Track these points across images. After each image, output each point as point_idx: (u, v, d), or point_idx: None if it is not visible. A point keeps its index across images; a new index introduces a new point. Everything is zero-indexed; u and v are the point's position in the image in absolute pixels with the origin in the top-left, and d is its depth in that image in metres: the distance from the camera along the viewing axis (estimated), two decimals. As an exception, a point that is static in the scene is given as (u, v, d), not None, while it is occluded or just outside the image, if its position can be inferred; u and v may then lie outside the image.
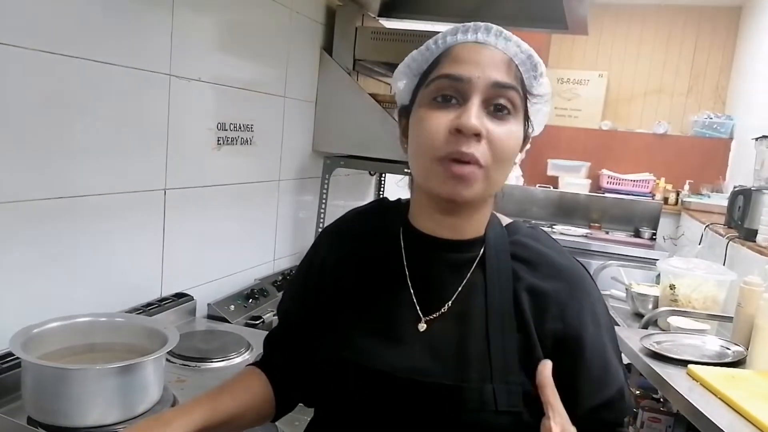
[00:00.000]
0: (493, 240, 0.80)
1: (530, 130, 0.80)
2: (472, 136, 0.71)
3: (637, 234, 4.45)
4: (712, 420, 1.29)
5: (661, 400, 1.94)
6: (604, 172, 4.95)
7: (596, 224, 4.60)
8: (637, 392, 2.02)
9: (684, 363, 1.64)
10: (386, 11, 2.56)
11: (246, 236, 2.09)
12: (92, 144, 1.38)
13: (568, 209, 4.72)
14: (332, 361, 0.79)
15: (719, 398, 1.41)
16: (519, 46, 0.76)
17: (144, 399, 1.09)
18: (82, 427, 1.01)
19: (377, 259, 0.82)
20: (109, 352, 1.17)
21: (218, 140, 1.84)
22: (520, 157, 0.81)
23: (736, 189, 3.16)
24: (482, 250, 0.80)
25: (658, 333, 1.93)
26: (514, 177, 5.00)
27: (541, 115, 0.80)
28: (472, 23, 0.76)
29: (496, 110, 0.73)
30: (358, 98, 2.29)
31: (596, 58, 5.28)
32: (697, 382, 1.53)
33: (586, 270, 0.82)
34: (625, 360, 2.03)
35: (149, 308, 1.52)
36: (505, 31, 0.76)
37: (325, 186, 2.41)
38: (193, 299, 1.73)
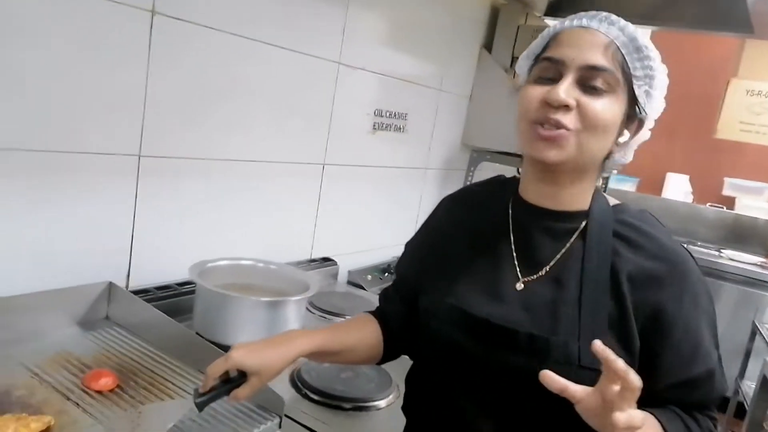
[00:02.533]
0: (598, 214, 0.84)
1: (642, 114, 0.82)
2: (561, 107, 0.76)
3: (826, 270, 3.88)
4: None
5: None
6: (793, 197, 4.38)
7: (775, 254, 4.10)
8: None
9: None
10: (553, 11, 2.55)
11: (390, 217, 2.25)
12: (267, 118, 1.61)
13: (743, 234, 4.25)
14: (437, 304, 0.89)
15: None
16: (622, 30, 0.79)
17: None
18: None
19: (488, 225, 0.91)
20: (263, 291, 1.38)
21: (374, 125, 2.01)
22: (630, 139, 0.83)
23: None
24: (585, 223, 0.84)
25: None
26: (683, 193, 4.62)
27: (652, 100, 0.82)
28: (584, 14, 0.80)
29: (590, 88, 0.78)
30: (511, 96, 2.33)
31: (798, 69, 4.67)
32: None
33: (692, 256, 0.83)
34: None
35: (299, 265, 1.73)
36: (612, 16, 0.80)
37: (470, 179, 2.49)
38: (336, 264, 1.92)
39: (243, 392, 0.87)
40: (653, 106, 0.82)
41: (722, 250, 4.03)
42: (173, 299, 1.37)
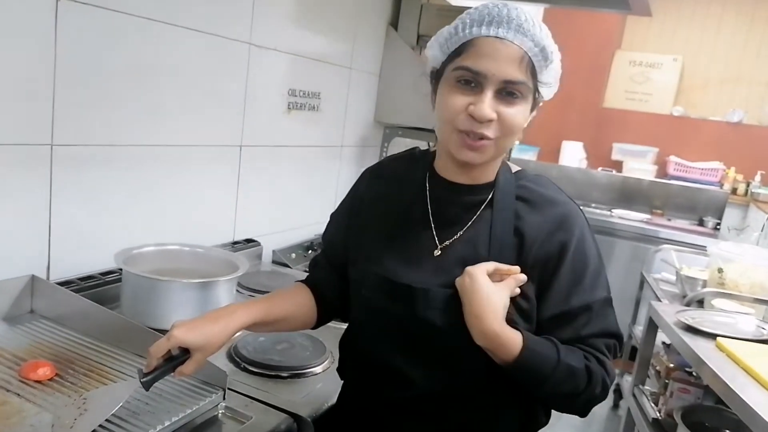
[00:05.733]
0: (503, 184, 0.97)
1: (539, 98, 0.94)
2: (485, 121, 0.87)
3: (701, 223, 4.37)
4: (734, 389, 1.34)
5: (694, 374, 2.00)
6: (672, 158, 4.85)
7: (658, 211, 4.54)
8: (670, 365, 2.09)
9: (714, 337, 1.69)
10: (453, -10, 2.67)
11: (310, 195, 2.30)
12: (178, 101, 1.60)
13: (631, 194, 4.67)
14: (365, 274, 0.98)
15: (744, 370, 1.45)
16: (533, 40, 0.87)
17: (217, 313, 1.31)
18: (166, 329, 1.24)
19: (406, 197, 1.00)
20: (192, 274, 1.39)
21: (289, 105, 2.04)
22: (529, 119, 0.95)
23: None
24: (492, 193, 0.96)
25: (695, 310, 1.98)
26: (577, 159, 4.98)
27: (551, 89, 0.94)
28: (496, 14, 0.87)
29: (507, 95, 0.88)
30: (420, 73, 2.42)
31: (672, 42, 5.13)
32: (724, 353, 1.58)
33: (581, 210, 0.97)
34: (662, 336, 2.10)
35: (223, 248, 1.75)
36: (523, 25, 0.86)
37: (384, 154, 2.58)
38: (260, 245, 1.95)
39: (188, 368, 0.91)
40: (552, 91, 0.94)
41: (613, 210, 4.41)
42: (98, 289, 1.36)
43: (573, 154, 5.00)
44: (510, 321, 0.88)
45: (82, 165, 1.36)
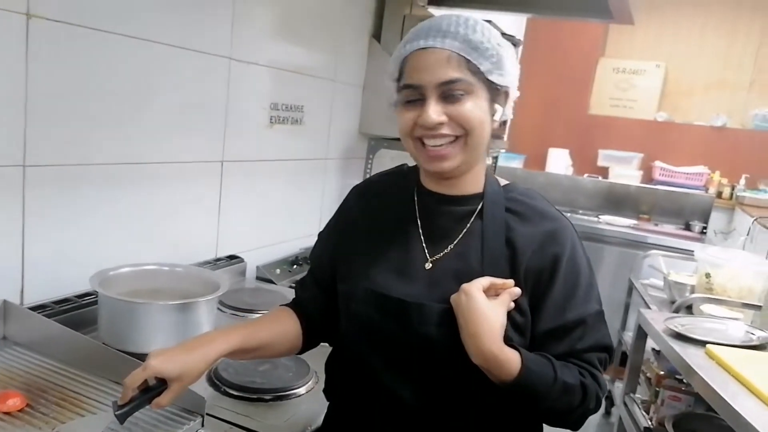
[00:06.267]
0: (491, 195, 0.95)
1: (502, 87, 0.91)
2: (435, 126, 0.87)
3: (688, 227, 4.39)
4: (725, 398, 1.32)
5: (684, 381, 1.99)
6: (657, 163, 4.87)
7: (645, 216, 4.56)
8: (660, 372, 2.08)
9: (704, 344, 1.68)
10: (436, 0, 2.67)
11: (294, 209, 2.27)
12: (156, 118, 1.57)
13: (617, 200, 4.69)
14: (355, 289, 0.96)
15: (735, 377, 1.44)
16: (457, 38, 0.87)
17: (198, 333, 1.27)
18: (145, 354, 1.20)
19: (396, 212, 0.99)
20: (171, 294, 1.36)
21: (271, 119, 2.02)
22: (506, 115, 0.94)
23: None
24: (481, 204, 0.95)
25: (684, 317, 1.97)
26: (564, 166, 5.00)
27: (507, 74, 0.91)
28: (421, 28, 0.90)
29: (450, 96, 0.88)
30: (403, 83, 2.42)
31: (656, 49, 5.17)
32: (714, 360, 1.57)
33: (571, 223, 0.96)
34: (651, 344, 2.09)
35: (205, 266, 1.72)
36: (443, 28, 0.88)
37: (369, 166, 2.56)
38: (243, 261, 1.92)
39: (165, 399, 0.88)
40: (510, 77, 0.92)
41: (600, 216, 4.42)
42: (74, 312, 1.32)
43: (559, 161, 5.02)
44: (505, 337, 0.87)
45: (56, 185, 1.33)
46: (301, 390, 1.21)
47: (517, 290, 0.89)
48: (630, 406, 2.09)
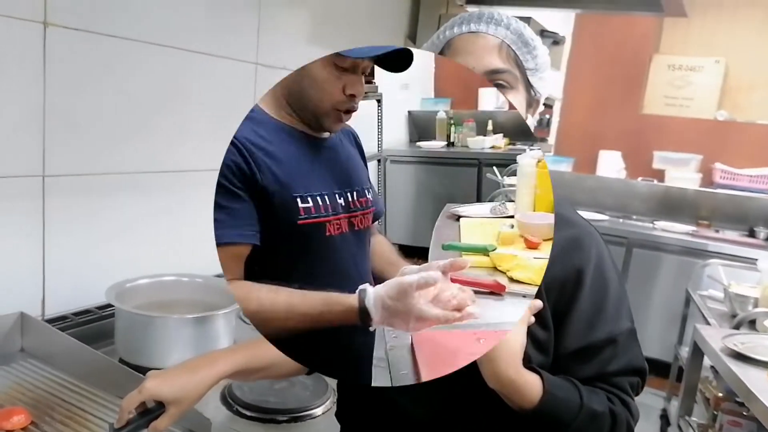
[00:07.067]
0: None
1: (537, 95, 0.86)
2: None
3: (752, 234, 4.10)
4: None
5: (745, 404, 1.82)
6: (718, 166, 4.58)
7: (705, 222, 4.29)
8: (719, 394, 1.91)
9: (767, 365, 1.54)
10: (475, -1, 2.57)
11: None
12: (179, 125, 1.55)
13: (674, 205, 4.43)
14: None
15: None
16: (508, 28, 0.82)
17: (216, 348, 1.23)
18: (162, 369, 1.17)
19: None
20: (190, 306, 1.32)
21: (301, 125, 1.97)
22: (531, 121, 0.86)
23: None
24: None
25: (745, 333, 1.81)
26: (616, 169, 4.77)
27: (545, 82, 0.86)
28: (468, 15, 0.84)
29: (494, 87, 0.81)
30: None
31: (713, 43, 4.89)
32: (779, 385, 1.43)
33: (596, 230, 0.87)
34: (707, 361, 1.93)
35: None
36: (495, 15, 0.83)
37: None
38: (272, 270, 1.88)
39: (162, 423, 0.82)
40: (548, 87, 0.86)
41: (655, 222, 4.19)
42: (94, 324, 1.30)
43: (611, 164, 4.80)
44: (525, 356, 0.77)
45: (75, 194, 1.32)
46: (318, 411, 1.14)
47: (539, 303, 0.79)
48: (685, 431, 1.93)
